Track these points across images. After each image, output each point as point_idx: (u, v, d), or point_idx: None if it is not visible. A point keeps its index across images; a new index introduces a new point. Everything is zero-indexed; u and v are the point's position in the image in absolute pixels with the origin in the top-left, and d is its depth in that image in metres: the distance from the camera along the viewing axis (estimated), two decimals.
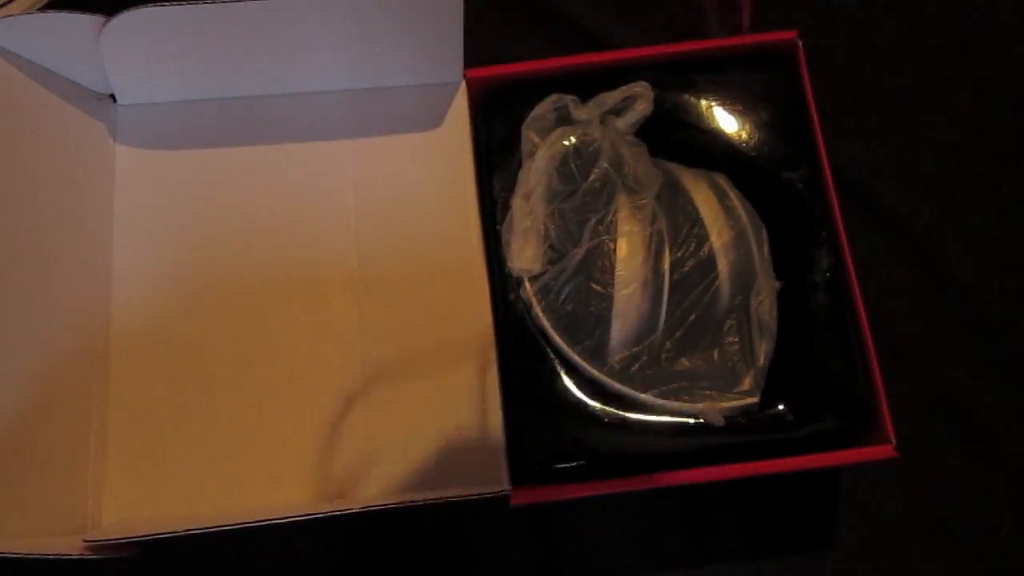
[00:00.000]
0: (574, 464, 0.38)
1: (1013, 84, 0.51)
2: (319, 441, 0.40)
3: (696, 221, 0.40)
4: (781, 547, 0.44)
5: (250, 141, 0.44)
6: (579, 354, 0.39)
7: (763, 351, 0.39)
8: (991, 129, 0.50)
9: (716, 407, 0.38)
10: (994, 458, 0.45)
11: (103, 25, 0.39)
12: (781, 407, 0.39)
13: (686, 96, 0.43)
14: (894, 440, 0.37)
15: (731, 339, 0.40)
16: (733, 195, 0.41)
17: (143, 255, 0.43)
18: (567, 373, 0.39)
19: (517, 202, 0.41)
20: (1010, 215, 0.49)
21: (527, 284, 0.40)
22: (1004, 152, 0.50)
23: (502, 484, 0.37)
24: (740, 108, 0.43)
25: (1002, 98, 0.50)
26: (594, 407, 0.39)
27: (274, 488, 0.39)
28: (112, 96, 0.44)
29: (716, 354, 0.39)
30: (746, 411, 0.39)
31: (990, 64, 0.51)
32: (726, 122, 0.43)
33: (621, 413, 0.39)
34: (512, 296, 0.40)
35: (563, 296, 0.40)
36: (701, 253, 0.40)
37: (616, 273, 0.39)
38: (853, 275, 0.40)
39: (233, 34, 0.41)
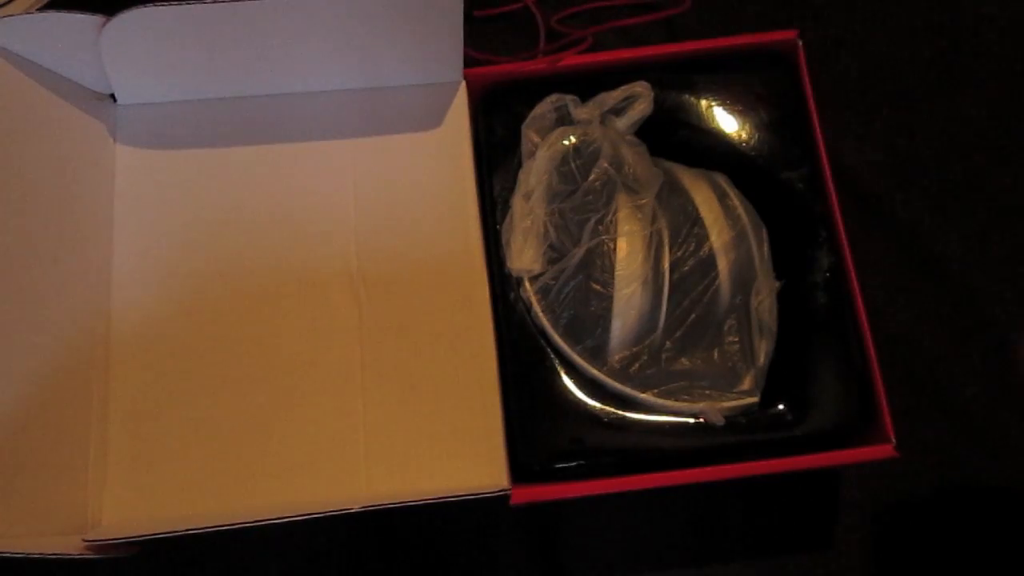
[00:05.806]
0: (574, 464, 0.38)
1: (1014, 84, 0.51)
2: (319, 441, 0.40)
3: (696, 221, 0.40)
4: (781, 547, 0.44)
5: (250, 141, 0.44)
6: (579, 354, 0.39)
7: (763, 351, 0.39)
8: (992, 129, 0.50)
9: (716, 407, 0.38)
10: (993, 457, 0.45)
11: (103, 25, 0.39)
12: (781, 407, 0.39)
13: (686, 96, 0.43)
14: (894, 440, 0.37)
15: (731, 339, 0.39)
16: (733, 195, 0.41)
17: (143, 255, 0.43)
18: (567, 373, 0.39)
19: (517, 202, 0.41)
20: (1011, 215, 0.49)
21: (527, 284, 0.40)
22: (1005, 152, 0.50)
23: (502, 484, 0.37)
24: (740, 108, 0.43)
25: (1003, 98, 0.50)
26: (594, 407, 0.39)
27: (274, 488, 0.39)
28: (112, 96, 0.44)
29: (716, 354, 0.39)
30: (746, 411, 0.39)
31: (991, 64, 0.51)
32: (726, 122, 0.43)
33: (621, 413, 0.39)
34: (512, 296, 0.40)
35: (563, 296, 0.40)
36: (701, 253, 0.40)
37: (616, 273, 0.39)
38: (853, 275, 0.40)
39: (233, 34, 0.40)
